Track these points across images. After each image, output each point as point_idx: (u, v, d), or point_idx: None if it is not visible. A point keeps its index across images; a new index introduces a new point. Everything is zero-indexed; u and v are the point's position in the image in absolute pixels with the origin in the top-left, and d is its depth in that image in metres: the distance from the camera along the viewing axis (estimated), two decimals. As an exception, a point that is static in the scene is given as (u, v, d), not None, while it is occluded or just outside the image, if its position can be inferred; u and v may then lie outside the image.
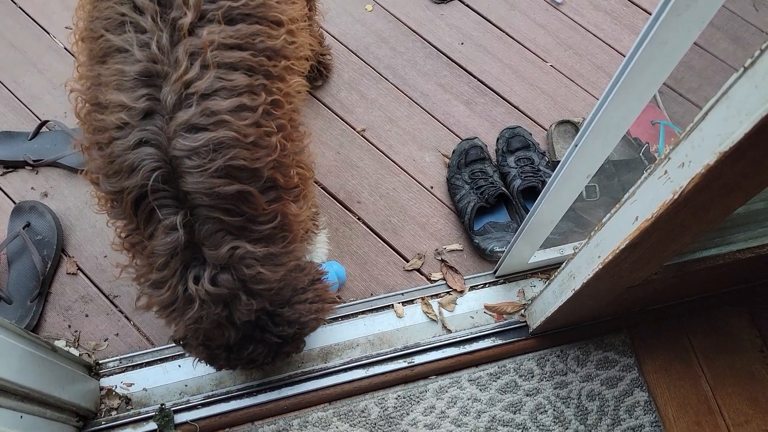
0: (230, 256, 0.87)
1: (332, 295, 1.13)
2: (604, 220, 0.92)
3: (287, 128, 0.93)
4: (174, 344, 1.06)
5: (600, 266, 0.95)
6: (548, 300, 1.23)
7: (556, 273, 1.17)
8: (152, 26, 0.83)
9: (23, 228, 1.42)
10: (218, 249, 0.86)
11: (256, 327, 0.98)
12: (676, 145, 0.70)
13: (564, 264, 1.12)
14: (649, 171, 0.77)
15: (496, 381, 1.34)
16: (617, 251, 0.89)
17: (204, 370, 1.34)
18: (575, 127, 1.60)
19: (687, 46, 0.70)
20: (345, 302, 1.43)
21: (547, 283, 1.23)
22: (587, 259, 1.00)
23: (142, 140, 0.81)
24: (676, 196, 0.72)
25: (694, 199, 0.72)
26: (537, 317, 1.32)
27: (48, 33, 1.73)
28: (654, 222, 0.79)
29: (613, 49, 1.77)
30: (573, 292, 1.08)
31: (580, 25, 1.80)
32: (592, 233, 0.97)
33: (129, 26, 0.84)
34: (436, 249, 1.49)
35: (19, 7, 1.76)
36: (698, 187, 0.68)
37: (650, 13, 1.81)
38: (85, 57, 0.90)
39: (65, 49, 1.71)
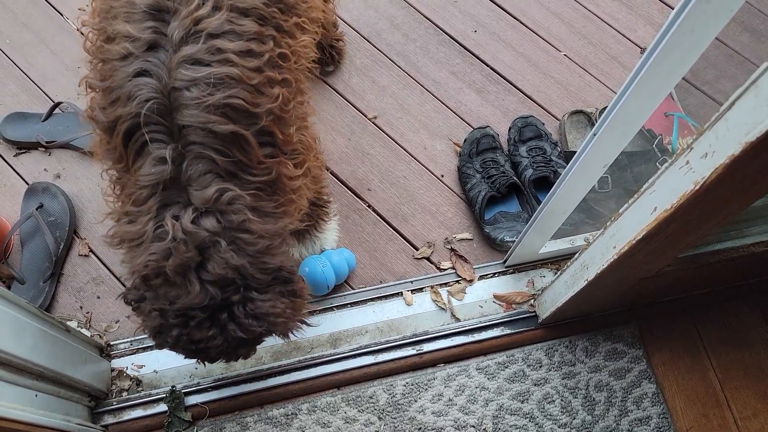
0: (217, 198, 0.81)
1: (305, 314, 0.97)
2: (621, 211, 0.92)
3: (291, 85, 0.92)
4: (124, 302, 0.89)
5: (615, 257, 0.95)
6: (559, 290, 1.22)
7: (568, 263, 1.17)
8: None
9: (36, 209, 1.43)
10: (205, 189, 0.80)
11: (224, 304, 0.83)
12: (700, 135, 0.69)
13: (577, 254, 1.12)
14: (670, 161, 0.77)
15: (504, 370, 1.35)
16: (633, 242, 0.89)
17: (214, 353, 1.35)
18: (588, 117, 1.59)
19: (713, 35, 0.69)
20: (354, 289, 1.43)
21: (558, 273, 1.23)
22: (602, 250, 1.00)
23: (142, 70, 0.80)
24: (697, 187, 0.71)
25: (715, 190, 0.71)
26: (547, 307, 1.32)
27: (61, 14, 1.72)
28: (673, 213, 0.78)
29: (628, 39, 1.75)
30: (586, 282, 1.08)
31: (595, 15, 1.78)
32: (608, 223, 0.97)
33: None
34: (446, 238, 1.49)
35: (32, -12, 1.75)
36: (721, 178, 0.68)
37: (665, 3, 1.79)
38: None
39: (78, 30, 1.70)
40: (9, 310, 0.97)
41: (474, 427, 1.30)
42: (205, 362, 0.92)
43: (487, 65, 1.70)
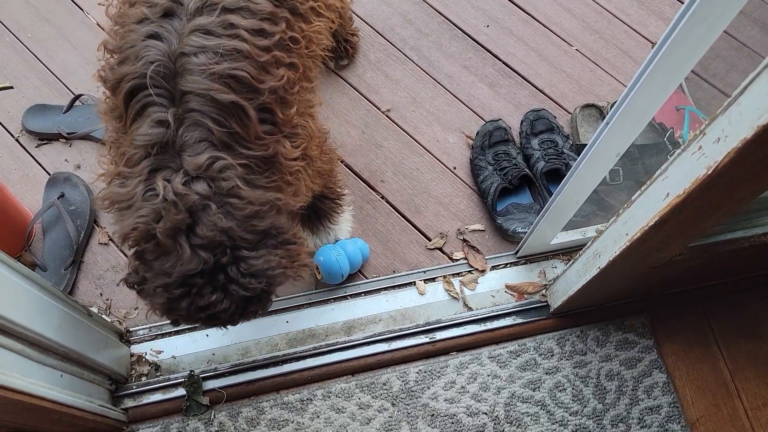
0: (209, 165, 0.80)
1: (304, 259, 0.95)
2: (633, 198, 0.94)
3: (299, 70, 0.93)
4: (126, 286, 0.89)
5: (627, 243, 0.97)
6: (571, 279, 1.24)
7: (580, 252, 1.19)
8: None
9: (58, 198, 1.46)
10: (198, 156, 0.80)
11: (217, 266, 0.83)
12: (713, 121, 0.71)
13: (589, 242, 1.14)
14: (682, 147, 0.78)
15: (516, 359, 1.37)
16: (646, 228, 0.90)
17: (231, 339, 1.38)
18: (600, 111, 1.60)
19: (725, 24, 0.71)
20: (368, 278, 1.46)
21: (570, 262, 1.24)
22: (614, 237, 1.01)
23: (154, 34, 0.83)
24: (710, 171, 0.73)
25: (727, 174, 0.73)
26: (558, 297, 1.34)
27: (81, 9, 1.76)
28: (685, 198, 0.80)
29: (639, 34, 1.77)
30: (598, 270, 1.09)
31: (607, 10, 1.80)
32: (620, 211, 0.99)
33: None
34: (458, 229, 1.51)
35: (52, -17, 1.79)
36: (733, 162, 0.69)
37: (677, -1, 1.80)
38: None
39: (98, 25, 1.73)
40: (37, 292, 1.00)
41: (486, 414, 1.32)
42: (227, 326, 0.93)
43: (500, 59, 1.72)
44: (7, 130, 1.61)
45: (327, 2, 1.04)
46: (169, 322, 0.92)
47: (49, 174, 1.54)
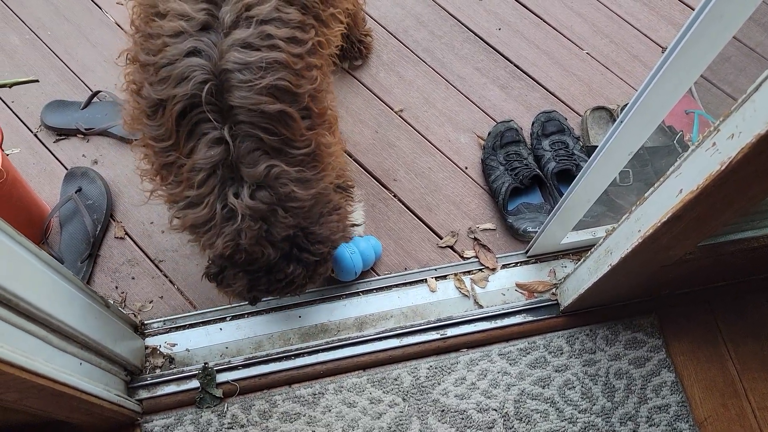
0: (266, 174, 0.90)
1: (351, 220, 1.18)
2: (646, 195, 0.96)
3: (323, 68, 1.00)
4: (208, 279, 1.06)
5: (639, 240, 0.98)
6: (582, 277, 1.26)
7: (592, 250, 1.20)
8: None
9: (75, 192, 1.48)
10: (256, 167, 0.89)
11: (294, 245, 0.99)
12: (726, 117, 0.73)
13: (601, 240, 1.15)
14: (696, 144, 0.80)
15: (525, 356, 1.38)
16: (658, 224, 0.92)
17: (244, 333, 1.39)
18: (610, 113, 1.62)
19: (740, 23, 0.72)
20: (380, 275, 1.48)
21: (582, 260, 1.26)
22: (626, 234, 1.03)
23: (195, 49, 0.86)
24: (723, 167, 0.75)
25: (741, 170, 0.75)
26: (569, 295, 1.35)
27: (100, 8, 1.79)
28: (698, 194, 0.82)
29: (650, 39, 1.79)
30: (609, 267, 1.11)
31: (617, 15, 1.82)
32: (633, 207, 1.01)
33: None
34: (470, 227, 1.53)
35: (72, -18, 1.82)
36: (747, 158, 0.71)
37: (686, 4, 1.82)
38: None
39: (116, 23, 1.77)
40: (61, 281, 1.02)
41: (496, 410, 1.33)
42: (299, 293, 1.09)
43: (511, 62, 1.74)
44: (26, 125, 1.63)
45: (343, 7, 1.10)
46: (188, 315, 1.07)
47: (66, 169, 1.57)
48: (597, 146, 1.04)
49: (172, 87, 0.87)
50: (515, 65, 1.74)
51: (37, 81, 1.67)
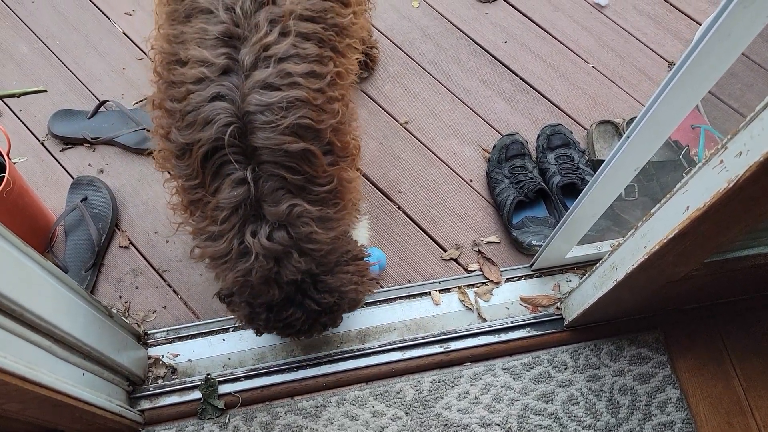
0: (288, 213, 0.91)
1: (372, 274, 1.16)
2: (652, 211, 0.95)
3: (345, 98, 1.00)
4: (219, 300, 1.10)
5: (645, 257, 0.98)
6: (587, 292, 1.25)
7: (597, 265, 1.20)
8: None
9: (81, 201, 1.49)
10: (278, 206, 0.91)
11: (299, 290, 1.01)
12: (734, 135, 0.73)
13: (606, 255, 1.15)
14: (703, 161, 0.80)
15: (529, 371, 1.37)
16: (665, 241, 0.91)
17: (247, 344, 1.39)
18: (616, 127, 1.62)
19: (748, 41, 0.72)
20: (384, 287, 1.47)
21: (587, 275, 1.25)
22: (632, 250, 1.03)
23: (218, 94, 0.87)
24: (730, 185, 0.75)
25: (748, 188, 0.74)
26: (573, 310, 1.34)
27: (108, 18, 1.80)
28: (705, 211, 0.82)
29: (656, 53, 1.79)
30: (614, 283, 1.10)
31: (623, 29, 1.83)
32: (638, 223, 1.00)
33: None
34: (474, 240, 1.53)
35: (81, -7, 1.84)
36: (754, 176, 0.71)
37: (693, 19, 1.83)
38: (165, 18, 0.97)
39: (124, 34, 1.78)
40: (64, 290, 1.02)
41: (499, 425, 1.32)
42: (299, 337, 1.09)
43: (517, 75, 1.75)
44: (33, 134, 1.64)
45: (359, 35, 1.10)
46: (192, 326, 1.13)
47: (72, 177, 1.57)
48: (602, 160, 1.04)
49: (198, 131, 0.89)
50: (521, 78, 1.74)
51: (45, 91, 1.69)
